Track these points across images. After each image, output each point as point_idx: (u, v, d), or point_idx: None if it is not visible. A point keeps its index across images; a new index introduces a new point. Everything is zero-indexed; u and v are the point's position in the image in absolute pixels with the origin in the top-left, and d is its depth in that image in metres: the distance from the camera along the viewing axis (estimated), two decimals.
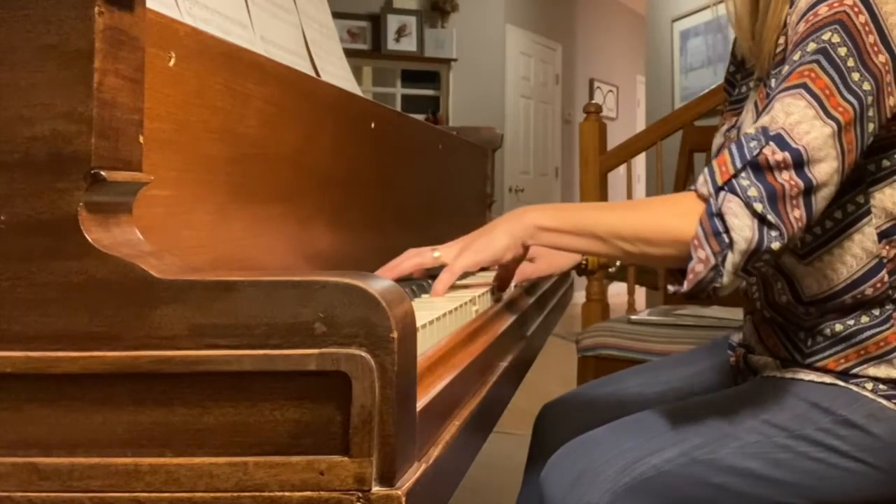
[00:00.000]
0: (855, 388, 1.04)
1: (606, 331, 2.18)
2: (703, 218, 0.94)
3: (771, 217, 0.92)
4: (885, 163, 1.04)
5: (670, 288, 1.00)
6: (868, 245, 1.05)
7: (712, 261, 0.92)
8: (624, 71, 9.66)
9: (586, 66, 8.87)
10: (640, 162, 6.80)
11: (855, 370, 1.05)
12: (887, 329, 1.05)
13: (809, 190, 0.93)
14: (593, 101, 4.51)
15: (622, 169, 4.10)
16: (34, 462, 0.59)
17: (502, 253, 1.02)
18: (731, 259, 0.92)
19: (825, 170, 0.94)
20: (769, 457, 1.01)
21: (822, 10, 1.00)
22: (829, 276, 1.06)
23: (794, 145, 0.93)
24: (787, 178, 0.93)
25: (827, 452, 1.02)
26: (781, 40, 1.10)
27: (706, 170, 0.97)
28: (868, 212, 1.05)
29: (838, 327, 1.07)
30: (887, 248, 1.05)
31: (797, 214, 0.93)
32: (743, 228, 0.91)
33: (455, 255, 1.03)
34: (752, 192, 0.92)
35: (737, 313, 1.32)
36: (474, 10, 7.26)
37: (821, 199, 0.95)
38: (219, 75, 0.84)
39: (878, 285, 1.05)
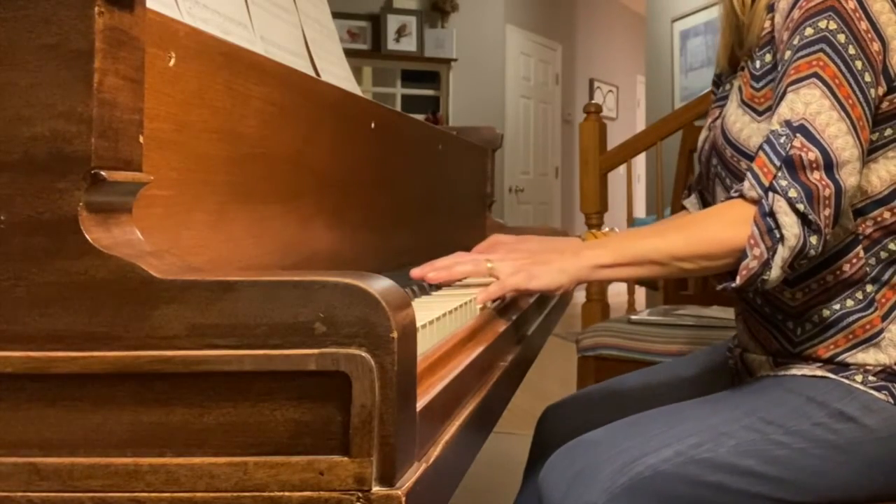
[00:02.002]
0: (846, 381, 1.06)
1: (606, 331, 2.18)
2: (757, 217, 0.98)
3: (811, 216, 0.97)
4: None
5: (718, 285, 1.04)
6: (844, 222, 1.07)
7: (765, 256, 0.97)
8: (624, 71, 9.66)
9: (586, 66, 8.87)
10: (640, 162, 6.81)
11: (844, 356, 1.07)
12: (872, 312, 1.07)
13: (840, 193, 0.98)
14: (593, 101, 4.52)
15: (622, 169, 4.10)
16: (34, 462, 0.59)
17: (553, 289, 1.03)
18: (781, 254, 0.97)
19: (849, 171, 0.99)
20: (766, 454, 1.02)
21: None
22: None
23: (818, 138, 0.98)
24: (818, 179, 0.97)
25: (823, 447, 1.03)
26: (767, 24, 1.13)
27: (749, 174, 1.01)
28: None
29: (825, 313, 1.09)
30: (863, 225, 1.08)
31: (827, 213, 0.98)
32: (793, 226, 0.97)
33: (510, 272, 1.03)
34: (792, 192, 0.97)
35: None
36: (474, 10, 7.26)
37: (847, 199, 1.00)
38: (219, 75, 0.84)
39: (854, 261, 1.08)
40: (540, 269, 1.03)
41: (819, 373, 1.07)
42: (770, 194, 0.98)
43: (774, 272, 0.98)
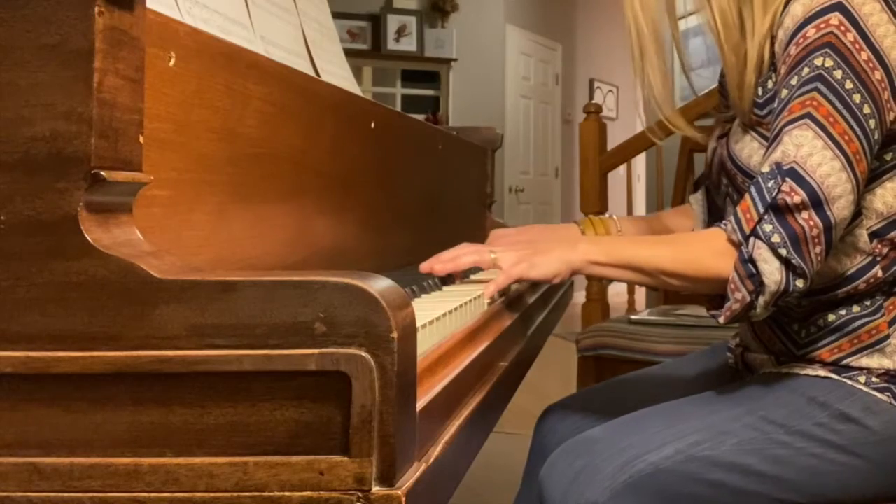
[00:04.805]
0: (849, 382, 1.06)
1: (606, 331, 2.18)
2: (737, 264, 1.00)
3: (795, 261, 0.97)
4: (874, 163, 1.05)
5: (709, 312, 1.07)
6: (861, 245, 1.07)
7: (748, 299, 0.99)
8: (624, 71, 9.65)
9: (586, 66, 8.86)
10: (640, 162, 6.80)
11: (848, 360, 1.07)
12: (879, 318, 1.07)
13: (830, 228, 0.98)
14: (593, 101, 4.52)
15: (622, 169, 4.10)
16: (34, 462, 0.59)
17: (552, 277, 1.07)
18: (764, 298, 0.99)
19: (843, 205, 0.98)
20: (767, 453, 1.02)
21: (811, 31, 1.02)
22: (824, 274, 1.07)
23: (808, 179, 0.97)
24: (806, 219, 0.97)
25: (824, 447, 1.03)
26: (766, 54, 1.10)
27: (732, 218, 1.02)
28: (859, 213, 1.06)
29: (831, 317, 1.09)
30: (879, 246, 1.07)
31: (818, 251, 0.98)
32: (773, 272, 0.97)
33: (512, 262, 1.07)
34: (776, 238, 0.97)
35: None
36: (474, 10, 7.25)
37: (840, 231, 1.00)
38: (219, 75, 0.84)
39: (871, 280, 1.07)
40: (540, 258, 1.06)
41: (822, 373, 1.07)
42: (751, 240, 0.98)
43: (759, 310, 1.00)
